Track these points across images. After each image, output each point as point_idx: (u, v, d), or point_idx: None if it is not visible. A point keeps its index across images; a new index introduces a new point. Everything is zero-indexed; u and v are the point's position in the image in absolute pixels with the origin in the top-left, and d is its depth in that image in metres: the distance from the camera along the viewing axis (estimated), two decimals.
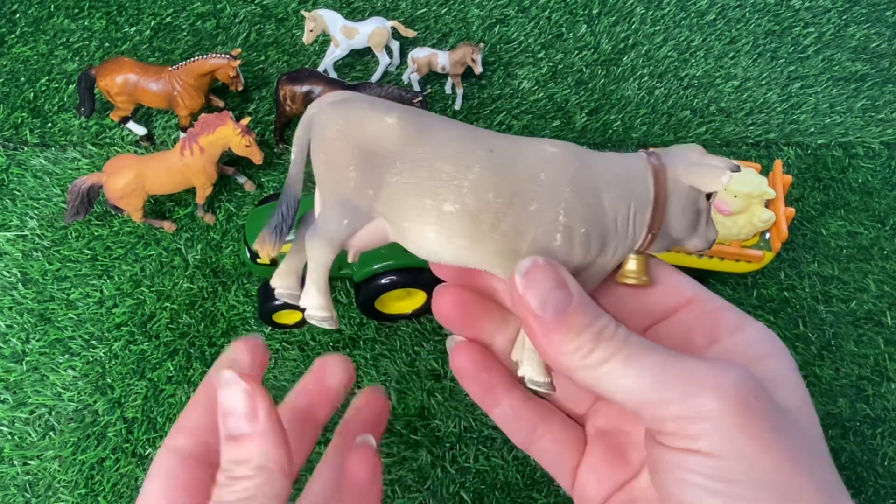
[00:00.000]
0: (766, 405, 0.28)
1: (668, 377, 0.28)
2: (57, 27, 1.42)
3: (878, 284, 1.17)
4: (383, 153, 0.32)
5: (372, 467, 0.34)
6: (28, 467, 1.01)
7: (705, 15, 1.47)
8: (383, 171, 0.32)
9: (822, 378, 1.09)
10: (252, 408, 0.31)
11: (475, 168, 0.31)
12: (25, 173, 1.25)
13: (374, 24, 1.29)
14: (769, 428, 0.27)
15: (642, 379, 0.29)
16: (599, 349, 0.29)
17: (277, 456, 0.31)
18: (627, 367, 0.29)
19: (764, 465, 0.27)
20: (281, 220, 0.34)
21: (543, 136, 1.23)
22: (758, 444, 0.27)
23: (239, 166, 1.22)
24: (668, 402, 0.28)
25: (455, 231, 0.32)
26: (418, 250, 0.33)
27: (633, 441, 0.35)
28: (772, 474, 0.27)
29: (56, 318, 1.12)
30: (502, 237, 0.32)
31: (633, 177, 0.33)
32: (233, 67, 1.20)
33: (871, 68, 1.40)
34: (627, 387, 0.29)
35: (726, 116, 1.34)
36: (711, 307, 0.34)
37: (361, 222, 0.33)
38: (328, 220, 0.33)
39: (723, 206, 1.01)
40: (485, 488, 0.99)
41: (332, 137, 0.32)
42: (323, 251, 0.33)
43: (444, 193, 0.31)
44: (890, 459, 1.03)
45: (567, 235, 0.31)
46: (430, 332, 1.11)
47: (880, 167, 1.29)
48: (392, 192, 0.32)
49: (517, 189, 0.31)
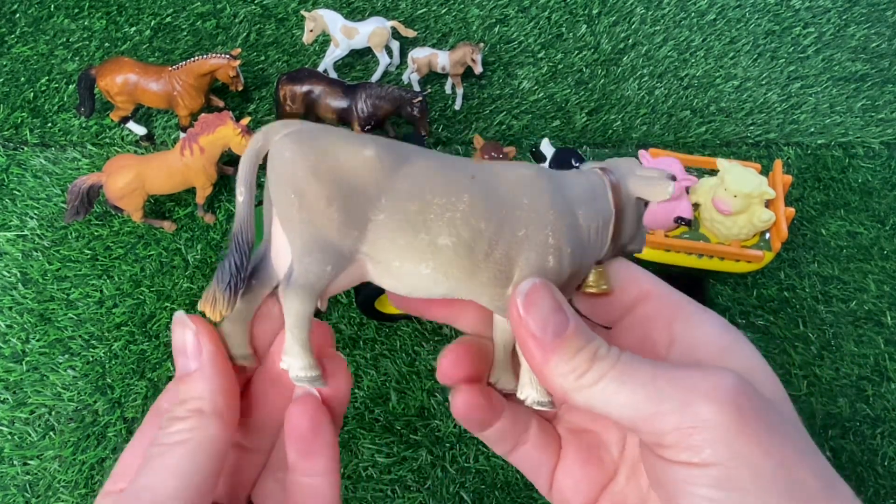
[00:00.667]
0: (757, 404, 0.28)
1: (662, 389, 0.28)
2: (57, 27, 1.42)
3: (878, 284, 1.17)
4: (365, 190, 0.30)
5: (313, 415, 0.32)
6: (28, 467, 1.01)
7: (705, 15, 1.47)
8: (367, 209, 0.30)
9: (822, 378, 1.09)
10: (196, 348, 0.31)
11: (464, 197, 0.30)
12: (25, 173, 1.25)
13: (374, 24, 1.29)
14: (765, 428, 0.28)
15: (636, 394, 0.29)
16: (593, 369, 0.29)
17: (214, 399, 0.30)
18: (621, 383, 0.29)
19: (767, 467, 0.27)
20: (235, 273, 0.31)
21: (544, 136, 1.24)
22: (758, 447, 0.27)
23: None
24: (665, 413, 0.28)
25: (452, 264, 0.30)
26: (402, 287, 0.31)
27: (602, 441, 0.36)
28: (776, 475, 0.27)
29: (56, 318, 1.12)
30: (495, 265, 0.31)
31: (596, 193, 0.34)
32: (233, 67, 1.20)
33: (871, 68, 1.40)
34: (623, 402, 0.29)
35: (726, 116, 1.34)
36: (667, 301, 0.34)
37: (344, 266, 0.30)
38: (308, 267, 0.30)
39: (723, 206, 1.01)
40: (485, 488, 1.00)
41: (306, 175, 0.29)
42: (304, 303, 0.30)
43: (438, 226, 0.30)
44: (890, 459, 1.03)
45: (557, 257, 0.32)
46: (430, 332, 1.11)
47: (880, 167, 1.29)
48: (379, 231, 0.30)
49: (504, 215, 0.31)
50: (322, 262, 0.30)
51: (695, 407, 0.28)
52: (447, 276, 0.31)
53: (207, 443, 0.30)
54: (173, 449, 0.30)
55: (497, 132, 1.30)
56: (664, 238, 1.04)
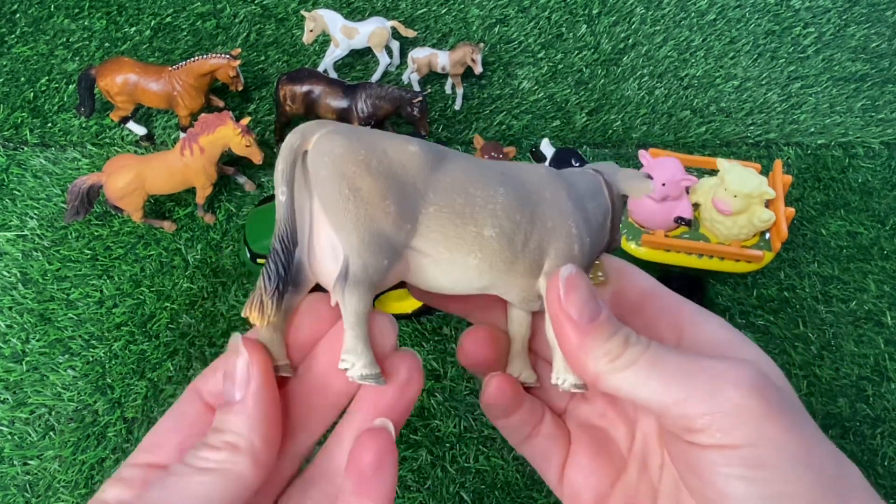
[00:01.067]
0: (775, 392, 0.30)
1: (693, 376, 0.30)
2: (57, 27, 1.42)
3: (878, 284, 1.17)
4: (414, 184, 0.30)
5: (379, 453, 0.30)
6: (28, 467, 1.01)
7: (705, 15, 1.47)
8: (417, 202, 0.30)
9: (822, 378, 1.09)
10: (244, 377, 0.29)
11: (500, 190, 0.32)
12: (25, 173, 1.25)
13: (374, 24, 1.29)
14: (784, 411, 0.30)
15: (667, 380, 0.30)
16: (626, 354, 0.31)
17: (251, 438, 0.29)
18: (652, 369, 0.30)
19: (789, 446, 0.29)
20: (283, 276, 0.30)
21: (544, 136, 1.24)
22: (780, 428, 0.29)
23: (239, 166, 1.22)
24: (697, 399, 0.29)
25: (496, 255, 0.32)
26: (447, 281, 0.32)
27: (610, 437, 0.37)
28: (798, 454, 0.29)
29: (56, 318, 1.12)
30: (530, 255, 0.32)
31: (596, 189, 0.36)
32: (233, 67, 1.20)
33: (871, 68, 1.40)
34: (654, 387, 0.30)
35: (726, 116, 1.34)
36: (669, 301, 0.36)
37: (397, 260, 0.30)
38: (366, 262, 0.29)
39: (723, 206, 1.01)
40: (485, 488, 1.00)
41: (359, 169, 0.29)
42: (363, 299, 0.29)
43: (483, 218, 0.31)
44: (890, 459, 1.03)
45: (580, 246, 0.33)
46: (430, 332, 1.11)
47: (880, 167, 1.29)
48: (430, 224, 0.30)
49: (534, 208, 0.32)
50: (380, 256, 0.30)
51: (725, 392, 0.29)
52: (491, 268, 0.32)
53: (234, 479, 0.29)
54: (197, 474, 0.29)
55: (497, 132, 1.30)
56: (664, 238, 1.04)
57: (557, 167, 1.10)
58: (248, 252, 1.08)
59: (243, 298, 1.13)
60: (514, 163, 0.35)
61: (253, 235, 1.07)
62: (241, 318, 1.12)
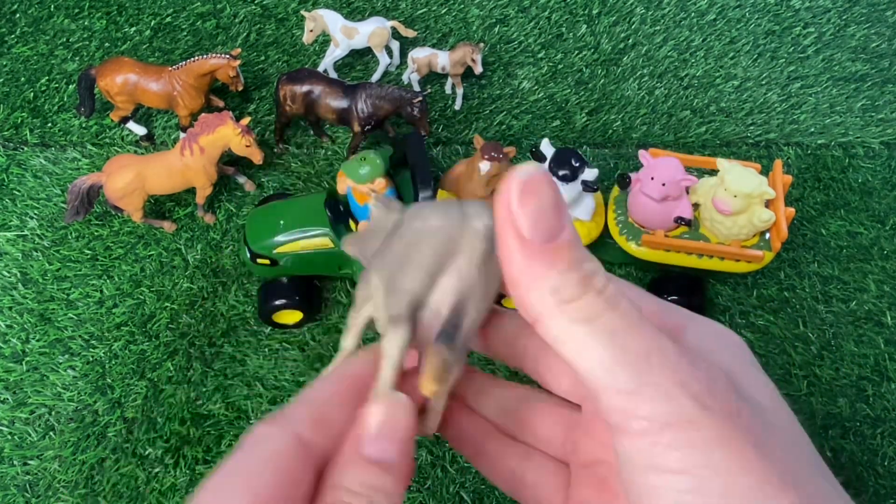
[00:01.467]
0: (749, 412, 0.25)
1: (652, 369, 0.24)
2: (57, 27, 1.42)
3: (878, 284, 1.17)
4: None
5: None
6: (28, 467, 1.01)
7: (705, 15, 1.47)
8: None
9: (822, 378, 1.09)
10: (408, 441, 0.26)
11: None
12: (25, 173, 1.25)
13: (374, 24, 1.29)
14: (752, 442, 0.24)
15: (620, 361, 0.24)
16: (583, 301, 0.24)
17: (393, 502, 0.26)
18: (610, 339, 0.24)
19: (743, 485, 0.23)
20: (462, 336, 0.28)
21: (544, 136, 1.23)
22: (738, 461, 0.24)
23: (239, 166, 1.22)
24: (644, 398, 0.24)
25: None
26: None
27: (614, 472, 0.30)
28: (751, 495, 0.23)
29: (56, 318, 1.12)
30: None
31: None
32: (233, 67, 1.20)
33: (871, 68, 1.40)
34: (601, 361, 0.24)
35: (726, 116, 1.34)
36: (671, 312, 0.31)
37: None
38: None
39: (723, 206, 1.01)
40: (485, 488, 1.00)
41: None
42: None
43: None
44: (890, 459, 1.03)
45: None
46: None
47: (880, 167, 1.29)
48: None
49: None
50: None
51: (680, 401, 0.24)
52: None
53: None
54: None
55: (497, 132, 1.30)
56: (664, 238, 1.04)
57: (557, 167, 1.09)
58: (248, 252, 1.08)
59: (243, 298, 1.13)
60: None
61: (253, 235, 1.07)
62: (241, 319, 1.12)
